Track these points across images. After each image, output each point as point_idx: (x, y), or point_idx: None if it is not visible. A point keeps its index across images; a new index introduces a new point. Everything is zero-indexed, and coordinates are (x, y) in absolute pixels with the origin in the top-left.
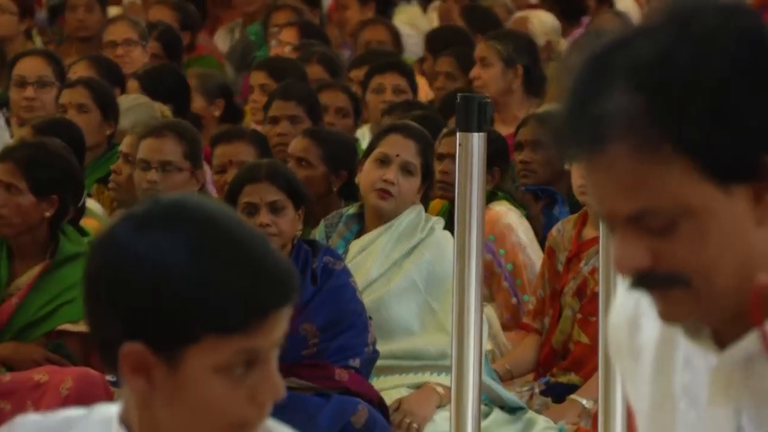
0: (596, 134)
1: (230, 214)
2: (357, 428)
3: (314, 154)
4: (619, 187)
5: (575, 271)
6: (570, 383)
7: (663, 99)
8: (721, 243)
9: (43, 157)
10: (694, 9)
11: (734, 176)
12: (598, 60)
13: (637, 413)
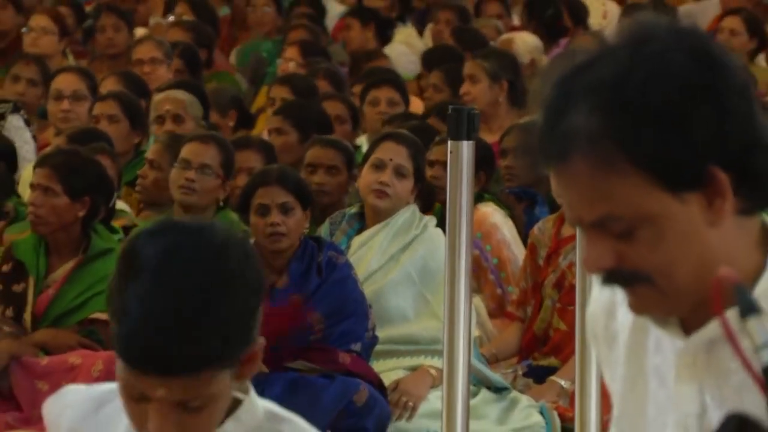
0: (561, 150)
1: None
2: (358, 407)
3: (340, 162)
4: (582, 197)
5: (554, 265)
6: (550, 366)
7: (618, 118)
8: (678, 245)
9: (76, 163)
10: (650, 31)
11: (686, 186)
12: (564, 81)
13: (612, 393)
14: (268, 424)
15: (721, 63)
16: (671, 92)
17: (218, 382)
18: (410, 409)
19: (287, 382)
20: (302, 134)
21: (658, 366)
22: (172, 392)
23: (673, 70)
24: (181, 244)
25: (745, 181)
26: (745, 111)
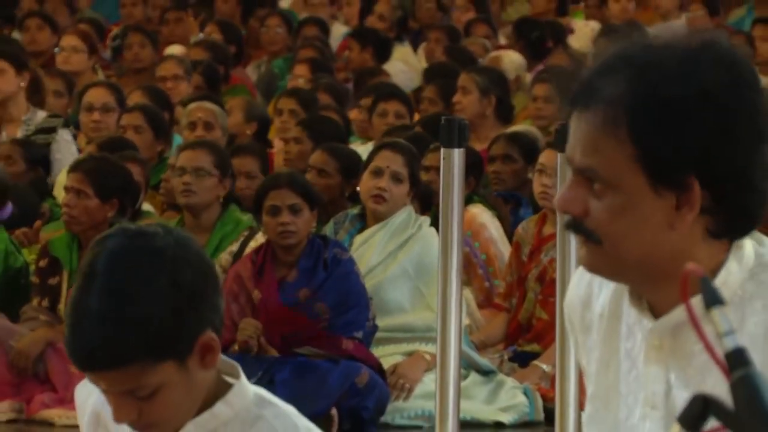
0: (586, 98)
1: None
2: (360, 388)
3: (333, 166)
4: (582, 142)
5: (537, 261)
6: (533, 352)
7: (638, 93)
8: (634, 225)
9: (105, 168)
10: (712, 42)
11: (663, 182)
12: (620, 54)
13: (586, 375)
14: (255, 408)
15: (755, 102)
16: (692, 99)
17: (156, 373)
18: (407, 390)
19: (296, 365)
20: (316, 144)
21: (629, 350)
22: (110, 385)
23: (706, 83)
24: (112, 250)
25: (722, 207)
26: (749, 147)
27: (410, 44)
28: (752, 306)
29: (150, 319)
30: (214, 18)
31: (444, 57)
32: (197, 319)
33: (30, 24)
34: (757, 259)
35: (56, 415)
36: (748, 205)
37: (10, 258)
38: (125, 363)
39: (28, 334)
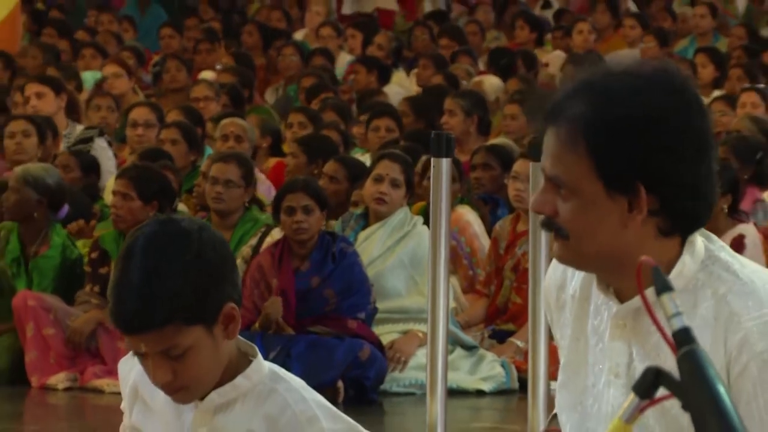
0: (554, 115)
1: (144, 258)
2: (362, 361)
3: (342, 174)
4: (550, 154)
5: (512, 253)
6: (508, 330)
7: (593, 113)
8: (592, 223)
9: (147, 175)
10: (668, 75)
11: (615, 188)
12: (585, 79)
13: (559, 348)
14: (269, 382)
15: (699, 125)
16: (640, 119)
17: (187, 335)
18: (402, 363)
19: (308, 342)
20: (310, 158)
21: (596, 326)
22: (150, 346)
23: (653, 106)
24: (147, 234)
25: (669, 210)
26: (693, 160)
27: (404, 70)
28: (704, 293)
29: (180, 288)
30: (232, 50)
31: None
32: (220, 290)
33: (85, 53)
34: (707, 253)
35: (105, 384)
36: (693, 209)
37: (67, 251)
38: (162, 325)
39: (82, 315)
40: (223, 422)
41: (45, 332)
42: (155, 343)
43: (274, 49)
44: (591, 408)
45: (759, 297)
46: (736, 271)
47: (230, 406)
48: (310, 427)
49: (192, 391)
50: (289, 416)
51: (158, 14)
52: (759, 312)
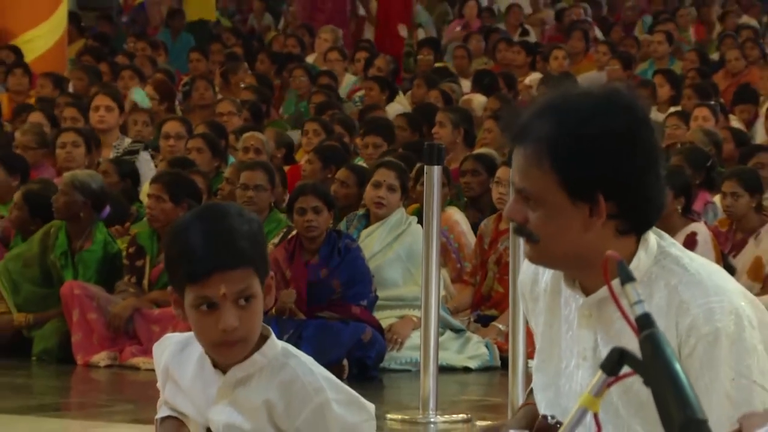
0: (520, 135)
1: (216, 216)
2: (365, 342)
3: (352, 180)
4: (519, 170)
5: (495, 249)
6: (492, 315)
7: (557, 133)
8: (559, 228)
9: (177, 180)
10: (617, 95)
11: (578, 197)
12: (547, 101)
13: (535, 334)
14: (282, 358)
15: (645, 137)
16: (597, 137)
17: (255, 283)
18: (399, 343)
19: (317, 325)
20: (324, 165)
21: (566, 316)
22: (229, 285)
23: (609, 124)
24: (200, 209)
25: (625, 214)
26: (644, 169)
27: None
28: (657, 284)
29: (250, 241)
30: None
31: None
32: (266, 258)
33: (124, 74)
34: (659, 249)
35: (141, 362)
36: (646, 211)
37: (108, 246)
38: (244, 264)
39: (121, 302)
40: (243, 394)
41: (89, 317)
42: (235, 282)
43: (287, 71)
44: (563, 387)
45: (705, 287)
46: (685, 265)
47: (249, 380)
48: (317, 396)
49: (245, 345)
50: (299, 387)
51: (187, 40)
52: (705, 300)
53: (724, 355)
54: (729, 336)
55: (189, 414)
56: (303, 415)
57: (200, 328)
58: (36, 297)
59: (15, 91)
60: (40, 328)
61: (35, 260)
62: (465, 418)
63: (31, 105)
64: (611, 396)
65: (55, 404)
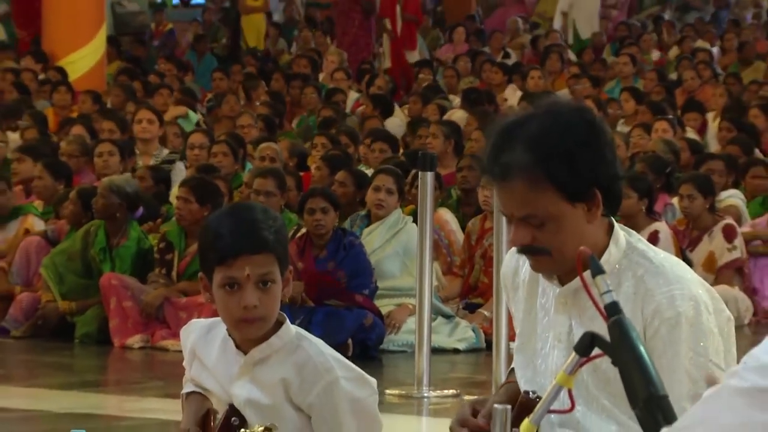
0: (503, 173)
1: (245, 210)
2: (366, 326)
3: (350, 181)
4: (515, 202)
5: (481, 244)
6: (478, 303)
7: (544, 157)
8: (569, 234)
9: (202, 184)
10: (559, 105)
11: (578, 198)
12: (504, 130)
13: (515, 320)
14: (296, 340)
15: (601, 128)
16: (574, 144)
17: (274, 268)
18: (397, 327)
19: (325, 312)
20: (331, 171)
21: (543, 303)
22: (252, 268)
23: (574, 131)
24: (238, 205)
25: (607, 197)
26: (611, 158)
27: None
28: (625, 275)
29: (275, 231)
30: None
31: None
32: (287, 252)
33: (162, 92)
34: (628, 244)
35: (170, 344)
36: (618, 194)
37: (141, 242)
38: (270, 249)
39: (152, 292)
40: (261, 372)
41: (124, 304)
42: (258, 266)
43: (298, 89)
44: (540, 366)
45: (667, 277)
46: (650, 258)
47: (266, 360)
48: (327, 375)
49: (263, 324)
50: (311, 366)
51: (211, 61)
52: (667, 288)
53: (684, 337)
54: (688, 320)
55: (213, 390)
56: (315, 391)
57: (225, 306)
58: (78, 287)
59: (60, 106)
60: (81, 315)
61: (78, 255)
62: (454, 394)
63: (74, 118)
64: (582, 374)
65: (95, 381)
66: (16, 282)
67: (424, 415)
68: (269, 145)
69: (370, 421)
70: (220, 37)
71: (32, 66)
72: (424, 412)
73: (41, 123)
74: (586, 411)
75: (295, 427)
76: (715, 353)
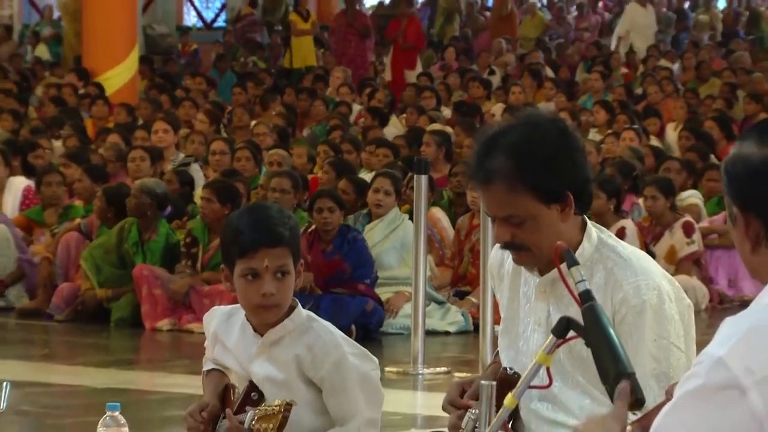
0: (486, 178)
1: (263, 210)
2: (368, 311)
3: (350, 190)
4: (497, 204)
5: (469, 240)
6: (466, 291)
7: (523, 164)
8: (545, 232)
9: (223, 186)
10: (537, 117)
11: (553, 201)
12: (488, 139)
13: (501, 306)
14: (306, 322)
15: (573, 136)
16: (550, 152)
17: (289, 260)
18: (395, 312)
19: (331, 299)
20: (337, 175)
21: (525, 291)
22: (271, 260)
23: (549, 140)
24: (256, 205)
25: (579, 198)
26: (582, 162)
27: (396, 116)
28: (597, 267)
29: (291, 229)
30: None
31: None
32: (300, 247)
33: (185, 104)
34: (599, 240)
35: (194, 327)
36: (589, 194)
37: (169, 237)
38: (285, 244)
39: (179, 281)
40: (277, 352)
41: (154, 292)
42: (275, 258)
43: (308, 102)
44: (522, 347)
45: (634, 269)
46: (619, 252)
47: (281, 341)
48: (336, 351)
49: (278, 310)
50: (321, 344)
51: (231, 78)
52: (634, 279)
53: (649, 322)
54: (652, 307)
55: (233, 368)
56: (326, 366)
57: (245, 294)
58: (114, 277)
59: (97, 117)
60: (116, 301)
61: (113, 248)
62: (446, 371)
63: (110, 128)
64: (559, 354)
65: (128, 360)
66: (58, 272)
67: (419, 389)
68: (276, 152)
69: (374, 391)
70: (238, 56)
71: (75, 82)
72: (419, 387)
73: (81, 132)
74: (563, 386)
75: (305, 399)
76: (676, 337)
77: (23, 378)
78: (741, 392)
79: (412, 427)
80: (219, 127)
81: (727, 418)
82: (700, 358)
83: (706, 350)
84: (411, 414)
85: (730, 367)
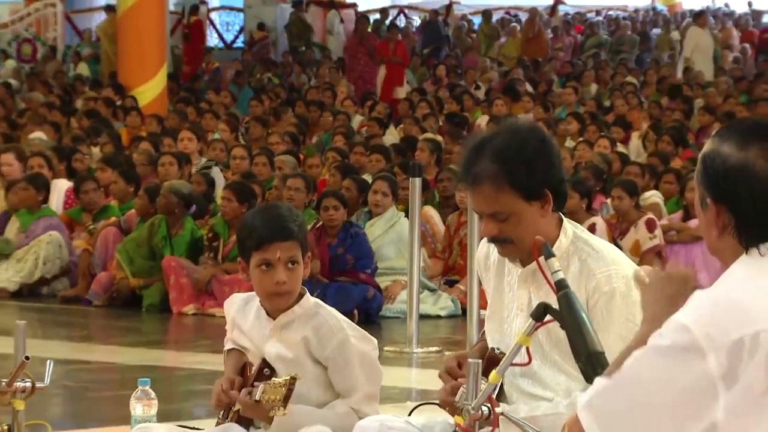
0: (474, 179)
1: (275, 209)
2: (369, 298)
3: (353, 187)
4: (484, 202)
5: (458, 235)
6: (456, 280)
7: (507, 166)
8: (527, 226)
9: (242, 187)
10: (518, 126)
11: (534, 198)
12: (476, 145)
13: (487, 294)
14: (314, 308)
15: (550, 142)
16: (530, 155)
17: (298, 252)
18: (392, 299)
19: (336, 287)
20: (343, 177)
21: (509, 281)
22: (283, 252)
23: (529, 145)
24: (269, 204)
25: (556, 197)
26: (558, 165)
27: (394, 126)
28: (573, 258)
29: (300, 224)
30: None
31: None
32: (308, 241)
33: (207, 116)
34: (574, 234)
35: (216, 311)
36: (564, 193)
37: (194, 232)
38: (295, 238)
39: (203, 271)
40: (287, 334)
41: (181, 281)
42: (286, 250)
43: (317, 113)
44: (506, 330)
45: (606, 260)
46: (592, 245)
47: (291, 324)
48: (339, 333)
49: (289, 297)
50: (326, 327)
51: (248, 92)
52: (606, 269)
53: (618, 307)
54: (621, 294)
55: (249, 348)
56: (331, 347)
57: (260, 283)
58: (145, 267)
59: (131, 126)
60: (147, 289)
61: (144, 242)
62: (437, 350)
63: (142, 136)
64: (538, 336)
65: (158, 340)
66: (97, 263)
67: (414, 367)
68: (279, 158)
69: (373, 369)
70: (255, 73)
71: (111, 96)
72: (413, 364)
73: (116, 140)
74: (541, 364)
75: (313, 376)
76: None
77: (65, 356)
78: (701, 355)
79: (408, 400)
80: (237, 135)
81: (687, 374)
82: (668, 323)
83: (675, 317)
84: (407, 388)
85: (694, 332)
